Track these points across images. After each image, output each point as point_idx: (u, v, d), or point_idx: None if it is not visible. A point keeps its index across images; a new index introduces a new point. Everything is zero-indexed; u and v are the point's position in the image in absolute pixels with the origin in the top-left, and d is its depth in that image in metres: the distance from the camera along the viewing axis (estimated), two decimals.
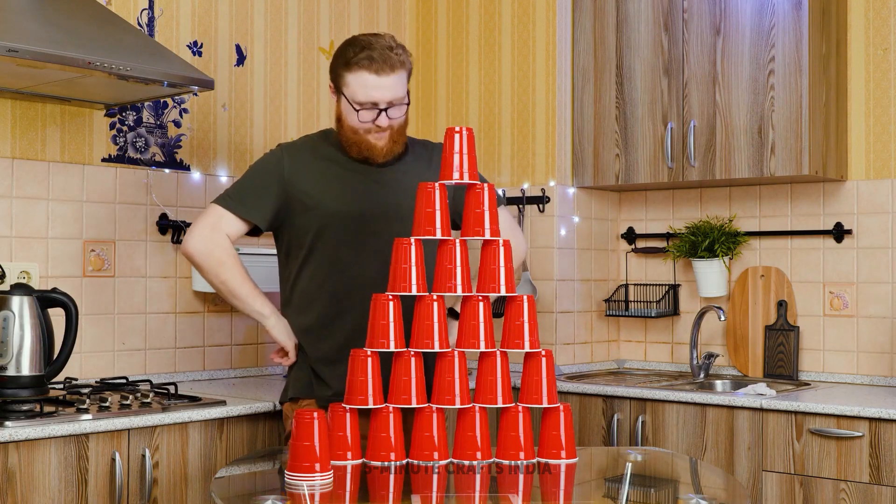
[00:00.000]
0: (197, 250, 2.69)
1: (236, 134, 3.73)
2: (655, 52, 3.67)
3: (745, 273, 3.79)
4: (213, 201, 2.75)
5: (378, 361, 2.30)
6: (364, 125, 2.63)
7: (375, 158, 2.68)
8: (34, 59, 2.65)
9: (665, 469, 2.58)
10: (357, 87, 2.60)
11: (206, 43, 3.64)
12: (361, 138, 2.66)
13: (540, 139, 4.02)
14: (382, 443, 2.25)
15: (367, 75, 2.59)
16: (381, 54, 2.60)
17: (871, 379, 3.53)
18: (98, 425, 2.59)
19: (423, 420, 2.26)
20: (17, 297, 2.71)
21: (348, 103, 2.63)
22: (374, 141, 2.66)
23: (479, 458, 2.27)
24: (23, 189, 3.17)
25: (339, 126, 2.70)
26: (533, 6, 4.04)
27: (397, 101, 2.63)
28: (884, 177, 3.53)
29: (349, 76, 2.62)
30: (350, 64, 2.61)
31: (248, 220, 2.71)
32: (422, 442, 2.25)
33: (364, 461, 2.28)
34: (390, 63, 2.60)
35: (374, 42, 2.62)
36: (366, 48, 2.61)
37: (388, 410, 2.26)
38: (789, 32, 3.39)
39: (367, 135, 2.65)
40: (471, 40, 4.20)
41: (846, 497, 2.97)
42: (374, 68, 2.59)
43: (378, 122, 2.62)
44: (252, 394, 3.17)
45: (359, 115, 2.62)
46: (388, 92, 2.61)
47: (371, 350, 2.29)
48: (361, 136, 2.65)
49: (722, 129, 3.52)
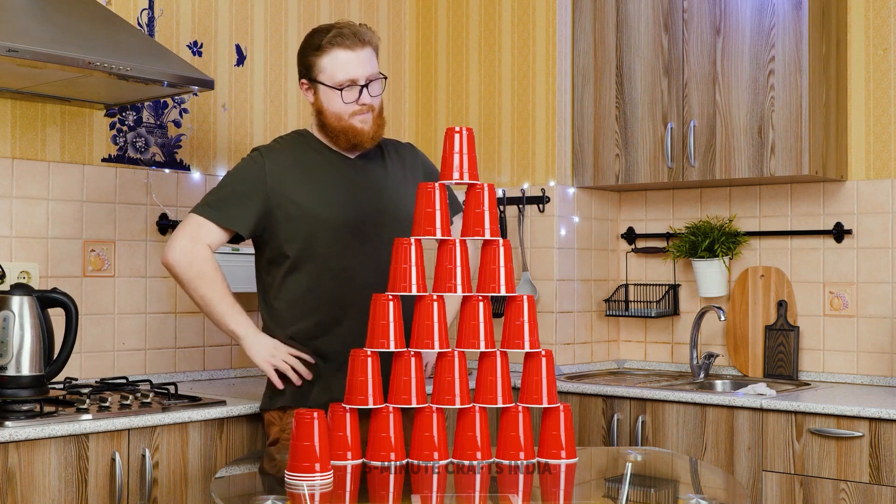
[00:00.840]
0: (177, 261, 2.66)
1: (236, 134, 3.73)
2: (655, 52, 3.67)
3: (745, 273, 3.79)
4: (191, 210, 2.72)
5: (378, 362, 2.30)
6: (349, 107, 2.63)
7: (364, 144, 2.69)
8: (34, 59, 2.65)
9: (665, 469, 2.58)
10: (334, 67, 2.62)
11: (206, 43, 3.64)
12: (347, 124, 2.65)
13: (540, 139, 4.02)
14: (383, 442, 2.25)
15: (341, 52, 2.62)
16: (350, 30, 2.63)
17: (871, 379, 3.53)
18: (98, 425, 2.59)
19: (424, 420, 2.26)
20: (17, 297, 2.71)
21: (328, 88, 2.63)
22: (360, 125, 2.66)
23: (480, 457, 2.27)
24: (23, 189, 3.17)
25: (322, 118, 2.69)
26: (533, 6, 4.04)
27: (374, 76, 2.65)
28: (884, 177, 3.53)
29: (323, 59, 2.63)
30: (322, 47, 2.63)
31: (230, 228, 2.68)
32: (422, 442, 2.25)
33: (364, 461, 2.28)
34: (360, 37, 2.63)
35: (338, 24, 2.66)
36: (332, 28, 2.64)
37: (387, 410, 2.26)
38: (789, 32, 3.39)
39: (353, 118, 2.65)
40: (471, 40, 4.20)
41: (846, 497, 2.97)
42: (347, 44, 2.61)
43: (362, 100, 2.63)
44: (252, 394, 3.17)
45: (342, 96, 2.62)
46: (365, 66, 2.63)
47: (371, 350, 2.29)
48: (347, 121, 2.65)
49: (722, 129, 3.52)
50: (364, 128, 2.66)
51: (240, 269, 3.64)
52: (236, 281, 3.62)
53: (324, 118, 2.68)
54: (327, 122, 2.68)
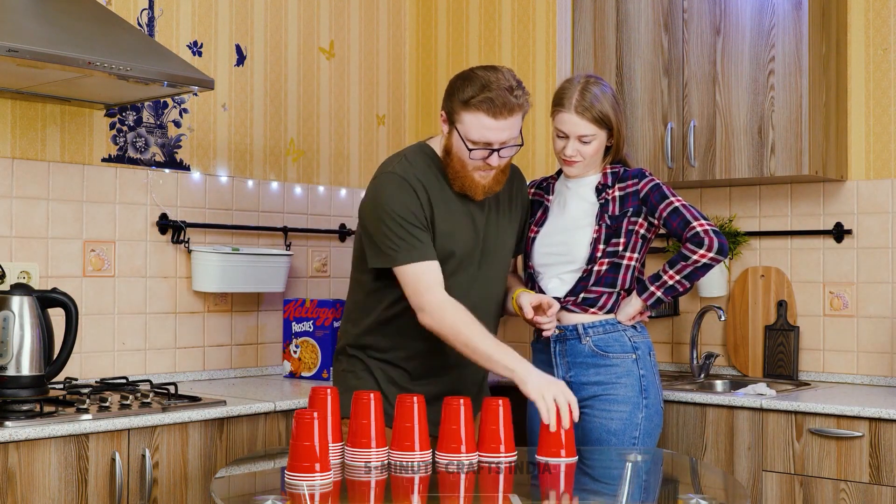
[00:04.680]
0: (433, 324, 2.55)
1: (236, 134, 3.74)
2: (655, 52, 3.67)
3: (745, 273, 3.79)
4: (396, 265, 2.57)
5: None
6: (474, 163, 2.58)
7: (475, 196, 2.64)
8: (34, 59, 2.65)
9: (665, 469, 2.58)
10: (472, 128, 2.53)
11: (206, 43, 3.64)
12: (467, 174, 2.60)
13: (540, 139, 4.02)
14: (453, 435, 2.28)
15: (484, 118, 2.52)
16: (501, 96, 2.51)
17: (871, 379, 3.53)
18: (98, 425, 2.59)
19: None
20: (17, 297, 2.71)
21: (461, 140, 2.56)
22: (478, 179, 2.60)
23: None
24: (23, 189, 3.17)
25: (448, 157, 2.62)
26: (533, 6, 4.03)
27: (511, 142, 2.57)
28: (884, 177, 3.53)
29: (466, 115, 2.54)
30: (469, 104, 2.52)
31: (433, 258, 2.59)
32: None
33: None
34: (509, 107, 2.52)
35: (493, 82, 2.52)
36: (485, 89, 2.51)
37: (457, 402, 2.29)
38: (789, 32, 3.39)
39: (475, 172, 2.59)
40: (471, 40, 4.20)
41: (846, 497, 2.97)
42: (493, 112, 2.51)
43: (489, 161, 2.57)
44: (252, 394, 3.17)
45: (470, 154, 2.56)
46: (503, 133, 2.54)
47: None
48: (468, 172, 2.59)
49: (722, 129, 3.51)
50: (481, 182, 2.61)
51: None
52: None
53: (449, 158, 2.62)
54: (451, 163, 2.62)
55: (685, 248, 2.78)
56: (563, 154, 2.85)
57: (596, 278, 2.82)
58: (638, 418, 2.78)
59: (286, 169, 3.89)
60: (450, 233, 2.63)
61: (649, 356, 2.86)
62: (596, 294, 2.83)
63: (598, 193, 2.87)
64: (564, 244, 2.86)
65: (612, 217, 2.82)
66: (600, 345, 2.82)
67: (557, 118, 2.85)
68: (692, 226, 2.77)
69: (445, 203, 2.64)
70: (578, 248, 2.84)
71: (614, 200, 2.84)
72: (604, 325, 2.83)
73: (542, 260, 2.89)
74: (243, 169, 3.76)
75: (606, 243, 2.81)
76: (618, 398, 2.79)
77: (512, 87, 2.53)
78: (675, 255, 2.80)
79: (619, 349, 2.82)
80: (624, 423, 2.77)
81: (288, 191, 3.88)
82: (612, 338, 2.83)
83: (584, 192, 2.90)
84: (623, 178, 2.87)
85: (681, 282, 2.79)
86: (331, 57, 4.07)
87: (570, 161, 2.85)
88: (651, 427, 2.82)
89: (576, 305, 2.84)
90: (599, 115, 2.81)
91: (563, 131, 2.83)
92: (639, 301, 2.83)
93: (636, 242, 2.84)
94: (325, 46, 4.04)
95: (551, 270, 2.88)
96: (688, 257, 2.76)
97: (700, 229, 2.76)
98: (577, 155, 2.83)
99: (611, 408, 2.79)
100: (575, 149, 2.83)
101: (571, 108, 2.81)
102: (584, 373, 2.82)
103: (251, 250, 3.59)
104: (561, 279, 2.86)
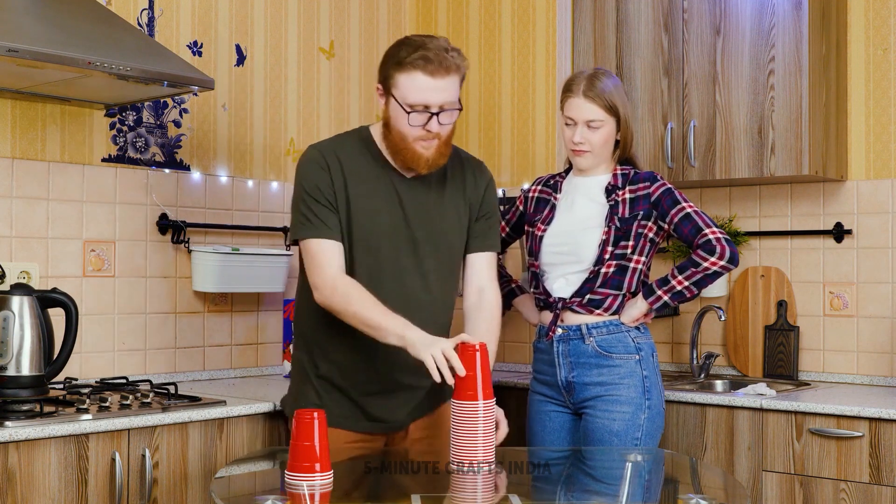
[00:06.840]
0: (326, 301, 2.52)
1: (236, 134, 3.73)
2: (655, 52, 3.67)
3: (745, 273, 3.79)
4: (294, 238, 2.59)
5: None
6: (414, 130, 2.50)
7: (419, 170, 2.57)
8: (34, 59, 2.65)
9: (665, 469, 2.58)
10: (409, 89, 2.48)
11: (206, 43, 3.64)
12: (409, 146, 2.53)
13: (540, 139, 4.02)
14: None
15: (420, 76, 2.47)
16: (437, 55, 2.47)
17: (871, 379, 3.53)
18: (98, 425, 2.59)
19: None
20: (17, 297, 2.71)
21: (398, 105, 2.50)
22: (421, 150, 2.53)
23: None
24: (23, 189, 3.17)
25: (387, 131, 2.57)
26: (533, 6, 4.03)
27: (449, 106, 2.51)
28: (884, 177, 3.53)
29: (401, 77, 2.49)
30: (403, 64, 2.48)
31: (337, 237, 2.57)
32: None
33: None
34: (445, 65, 2.47)
35: (428, 42, 2.49)
36: (420, 48, 2.48)
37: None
38: (789, 32, 3.39)
39: (416, 143, 2.52)
40: (471, 40, 4.20)
41: (846, 497, 2.97)
42: (429, 69, 2.46)
43: (429, 127, 2.50)
44: (252, 394, 3.17)
45: (409, 119, 2.49)
46: (441, 94, 2.49)
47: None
48: (409, 143, 2.53)
49: (722, 129, 3.51)
50: (424, 154, 2.54)
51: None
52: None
53: (388, 132, 2.58)
54: (390, 137, 2.57)
55: (696, 254, 2.77)
56: (572, 141, 2.84)
57: (602, 280, 2.81)
58: (640, 419, 2.78)
59: (286, 169, 3.89)
60: (373, 210, 2.57)
61: (652, 357, 2.86)
62: (602, 296, 2.83)
63: (607, 194, 2.87)
64: (572, 244, 2.86)
65: (621, 219, 2.82)
66: (604, 345, 2.82)
67: (566, 105, 2.85)
68: (704, 233, 2.77)
69: (368, 182, 2.58)
70: (586, 249, 2.83)
71: (624, 203, 2.84)
72: (607, 326, 2.83)
73: (549, 259, 2.89)
74: (243, 169, 3.76)
75: (615, 245, 2.81)
76: (620, 399, 2.79)
77: (447, 48, 2.50)
78: (684, 261, 2.80)
79: (622, 350, 2.82)
80: (626, 424, 2.77)
81: (288, 191, 3.88)
82: (615, 339, 2.83)
83: (593, 192, 2.90)
84: (634, 180, 2.87)
85: (689, 288, 2.79)
86: (331, 57, 4.07)
87: (579, 150, 2.84)
88: (653, 428, 2.82)
89: (581, 306, 2.84)
90: (608, 102, 2.81)
91: (571, 118, 2.83)
92: (644, 304, 2.83)
93: (644, 246, 2.84)
94: (325, 46, 4.04)
95: (557, 270, 2.88)
96: (698, 264, 2.76)
97: (712, 237, 2.76)
98: (586, 143, 2.83)
99: (613, 408, 2.79)
100: (583, 136, 2.82)
101: (580, 93, 2.83)
102: (588, 373, 2.82)
103: (251, 250, 3.58)
104: (566, 279, 2.86)
